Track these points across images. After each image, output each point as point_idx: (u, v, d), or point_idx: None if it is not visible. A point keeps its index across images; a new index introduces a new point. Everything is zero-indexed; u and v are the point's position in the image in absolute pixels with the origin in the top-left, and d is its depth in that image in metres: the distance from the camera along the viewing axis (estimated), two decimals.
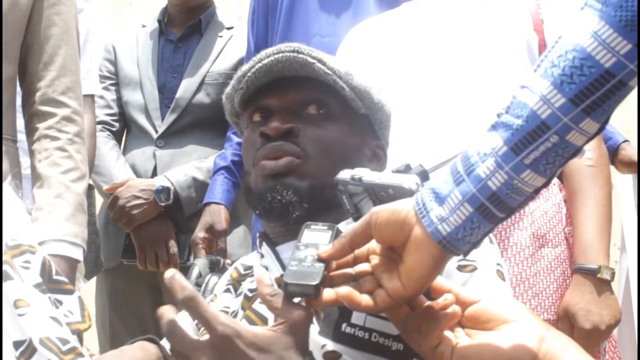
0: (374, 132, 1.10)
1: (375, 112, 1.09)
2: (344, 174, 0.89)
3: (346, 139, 1.04)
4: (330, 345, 0.86)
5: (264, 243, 1.04)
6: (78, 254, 1.32)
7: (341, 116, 1.05)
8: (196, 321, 0.94)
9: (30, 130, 1.39)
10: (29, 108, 1.39)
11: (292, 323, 0.72)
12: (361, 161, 1.03)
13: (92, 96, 1.79)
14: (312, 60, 1.02)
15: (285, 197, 0.98)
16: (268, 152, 1.01)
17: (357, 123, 1.06)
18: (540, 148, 0.67)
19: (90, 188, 1.82)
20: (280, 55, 1.02)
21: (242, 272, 1.08)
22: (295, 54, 1.02)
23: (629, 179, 2.01)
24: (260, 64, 1.03)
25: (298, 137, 1.01)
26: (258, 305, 0.95)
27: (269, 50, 1.04)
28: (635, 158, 1.93)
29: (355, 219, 0.85)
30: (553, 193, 1.42)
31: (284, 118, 1.02)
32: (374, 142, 1.09)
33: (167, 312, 0.73)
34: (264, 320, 0.92)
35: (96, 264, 1.87)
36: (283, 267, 0.98)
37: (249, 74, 1.04)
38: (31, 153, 1.37)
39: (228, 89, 1.09)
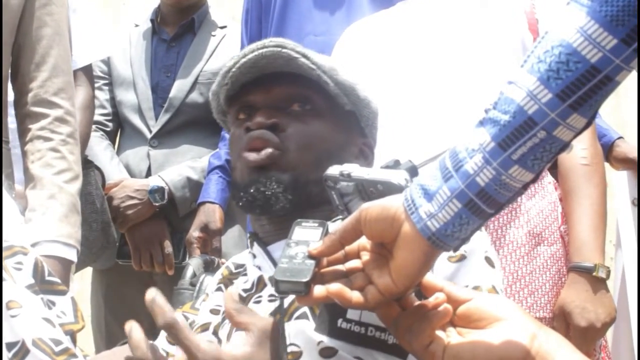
0: (360, 129, 1.09)
1: (362, 108, 1.08)
2: (333, 170, 0.89)
3: (331, 135, 1.03)
4: (327, 342, 0.85)
5: (255, 243, 1.04)
6: (72, 255, 1.32)
7: (326, 112, 1.04)
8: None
9: (22, 131, 1.38)
10: (21, 109, 1.39)
11: (260, 334, 0.73)
12: (347, 158, 1.02)
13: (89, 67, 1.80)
14: (296, 55, 1.01)
15: (269, 189, 0.97)
16: (249, 140, 1.00)
17: (343, 120, 1.06)
18: (527, 144, 0.67)
19: (89, 165, 1.81)
20: (265, 50, 1.01)
21: (234, 270, 1.08)
22: (280, 49, 1.01)
23: (624, 175, 2.01)
24: (244, 59, 1.02)
25: (284, 131, 1.01)
26: (252, 306, 0.95)
27: (253, 46, 1.02)
28: (630, 155, 1.94)
29: (344, 218, 0.85)
30: (549, 192, 1.42)
31: (268, 114, 1.01)
32: (361, 139, 1.08)
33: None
34: None
35: (108, 240, 1.85)
36: (276, 266, 0.98)
37: (234, 70, 1.03)
38: (24, 154, 1.37)
39: (214, 86, 1.08)
